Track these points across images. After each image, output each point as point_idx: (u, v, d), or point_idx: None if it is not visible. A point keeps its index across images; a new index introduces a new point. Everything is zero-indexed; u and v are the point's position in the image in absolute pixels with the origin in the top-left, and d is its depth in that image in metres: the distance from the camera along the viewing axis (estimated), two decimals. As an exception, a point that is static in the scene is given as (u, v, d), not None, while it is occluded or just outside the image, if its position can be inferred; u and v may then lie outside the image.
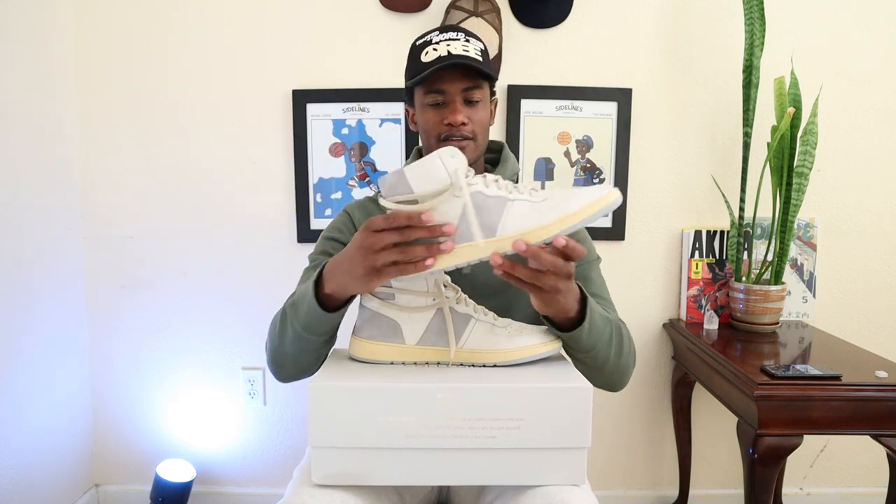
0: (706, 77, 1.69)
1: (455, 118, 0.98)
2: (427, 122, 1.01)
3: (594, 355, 0.90)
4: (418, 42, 1.02)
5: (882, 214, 1.73)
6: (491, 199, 0.75)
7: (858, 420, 1.22)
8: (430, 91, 0.99)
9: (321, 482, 0.78)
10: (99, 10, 1.67)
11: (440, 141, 1.00)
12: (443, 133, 0.99)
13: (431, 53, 0.97)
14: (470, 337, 0.85)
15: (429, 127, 1.01)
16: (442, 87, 0.98)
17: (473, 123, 1.00)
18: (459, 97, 0.99)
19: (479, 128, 1.01)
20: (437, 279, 0.87)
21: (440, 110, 1.00)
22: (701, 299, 1.70)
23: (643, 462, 1.82)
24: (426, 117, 1.01)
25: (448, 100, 0.99)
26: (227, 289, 1.75)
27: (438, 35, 1.00)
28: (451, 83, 0.98)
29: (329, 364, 0.87)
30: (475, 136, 1.01)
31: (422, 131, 1.04)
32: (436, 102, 1.00)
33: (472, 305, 0.89)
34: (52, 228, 1.62)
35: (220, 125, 1.70)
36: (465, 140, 0.99)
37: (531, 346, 0.85)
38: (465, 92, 0.99)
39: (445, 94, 0.99)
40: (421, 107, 1.02)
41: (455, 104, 0.98)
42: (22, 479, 1.52)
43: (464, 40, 0.99)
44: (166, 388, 1.79)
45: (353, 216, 1.11)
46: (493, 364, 0.85)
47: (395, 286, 0.86)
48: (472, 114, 1.00)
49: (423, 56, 0.98)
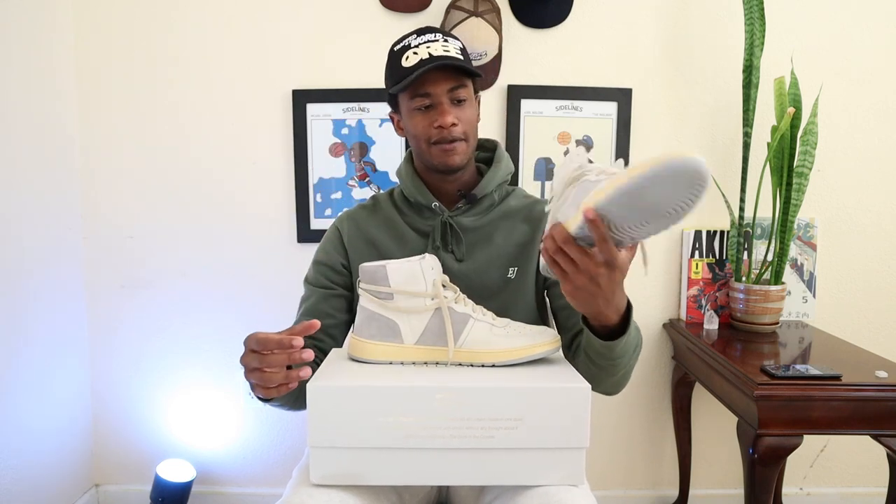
0: (706, 77, 1.69)
1: (445, 120, 0.96)
2: (416, 127, 0.99)
3: (614, 364, 0.89)
4: (396, 47, 1.00)
5: (882, 214, 1.73)
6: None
7: (858, 420, 1.22)
8: (416, 95, 0.97)
9: (320, 482, 0.78)
10: (99, 10, 1.67)
11: (431, 144, 0.99)
12: (433, 136, 0.98)
13: (412, 57, 0.96)
14: (468, 337, 0.85)
15: (418, 132, 0.99)
16: (428, 90, 0.96)
17: (463, 123, 0.98)
18: (446, 98, 0.97)
19: (469, 127, 1.00)
20: (435, 280, 0.87)
21: (428, 114, 0.98)
22: (701, 299, 1.70)
23: (643, 462, 1.82)
24: (414, 122, 0.99)
25: (435, 102, 0.97)
26: (227, 289, 1.75)
27: (416, 38, 0.98)
28: (437, 85, 0.96)
29: (328, 364, 0.87)
30: (466, 137, 0.99)
31: (411, 137, 1.02)
32: (423, 106, 0.98)
33: (471, 305, 0.89)
34: (52, 228, 1.62)
35: (221, 125, 1.70)
36: (456, 141, 0.98)
37: (529, 346, 0.85)
38: (452, 92, 0.97)
39: (432, 97, 0.97)
40: (408, 112, 1.00)
41: (443, 106, 0.97)
42: (22, 479, 1.52)
43: (442, 41, 0.98)
44: (166, 388, 1.79)
45: (342, 231, 1.08)
46: (491, 364, 0.85)
47: (393, 287, 0.86)
48: (460, 114, 0.98)
49: (404, 61, 0.96)
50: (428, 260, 0.88)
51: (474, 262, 1.02)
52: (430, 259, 0.89)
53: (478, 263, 1.02)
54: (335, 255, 1.07)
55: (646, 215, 0.68)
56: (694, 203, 0.66)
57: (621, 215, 0.68)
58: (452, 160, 0.99)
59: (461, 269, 1.02)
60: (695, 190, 0.64)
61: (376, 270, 0.87)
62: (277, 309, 1.74)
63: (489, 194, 1.05)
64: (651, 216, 0.68)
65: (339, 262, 1.07)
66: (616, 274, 0.75)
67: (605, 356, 0.87)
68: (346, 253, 1.07)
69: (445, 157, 0.99)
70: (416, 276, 0.87)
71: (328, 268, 1.07)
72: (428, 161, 1.01)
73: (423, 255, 0.90)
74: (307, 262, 1.11)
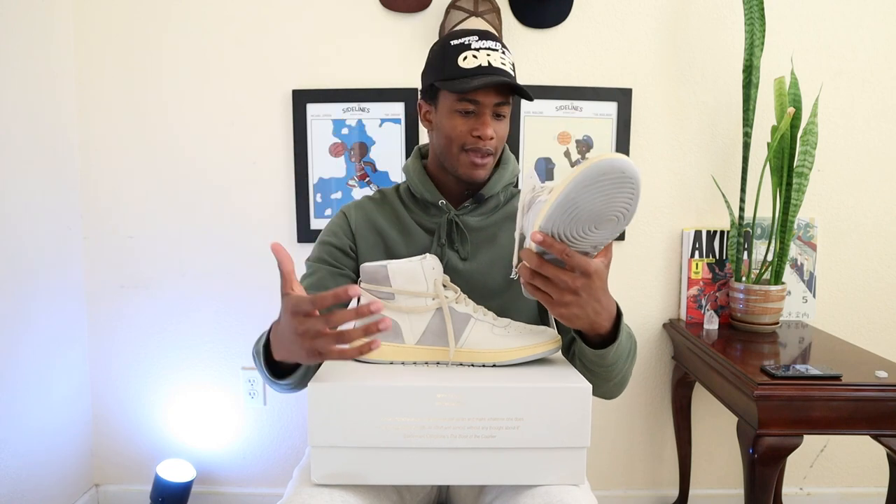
0: (706, 77, 1.69)
1: (486, 131, 0.97)
2: (454, 129, 0.98)
3: (608, 370, 0.89)
4: (454, 42, 0.98)
5: (882, 214, 1.73)
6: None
7: (858, 420, 1.22)
8: (463, 99, 0.97)
9: (321, 482, 0.78)
10: (99, 10, 1.67)
11: (463, 151, 0.99)
12: (468, 144, 0.98)
13: (471, 60, 0.95)
14: (469, 337, 0.86)
15: (455, 134, 0.99)
16: (478, 98, 0.96)
17: (498, 139, 0.99)
18: (490, 111, 0.97)
19: (500, 144, 1.01)
20: (436, 279, 0.88)
21: (469, 120, 0.98)
22: (701, 299, 1.70)
23: (643, 462, 1.82)
24: (453, 123, 0.98)
25: (480, 111, 0.97)
26: (227, 289, 1.75)
27: (477, 41, 0.97)
28: (487, 95, 0.96)
29: (329, 364, 0.87)
30: (496, 152, 1.01)
31: (443, 135, 1.01)
32: (465, 110, 0.97)
33: (472, 305, 0.89)
34: (52, 228, 1.62)
35: (221, 125, 1.70)
36: (487, 156, 0.99)
37: (530, 346, 0.86)
38: (497, 107, 0.98)
39: (478, 105, 0.97)
40: (448, 111, 0.99)
41: (486, 117, 0.97)
42: (22, 480, 1.52)
43: (501, 52, 0.97)
44: (166, 388, 1.79)
45: (349, 217, 1.09)
46: (492, 364, 0.85)
47: (394, 287, 0.87)
48: (498, 128, 0.99)
49: (462, 61, 0.96)
50: (429, 260, 0.89)
51: (478, 262, 1.03)
52: (430, 259, 0.90)
53: (482, 263, 1.03)
54: (344, 238, 1.07)
55: (591, 223, 0.70)
56: (632, 202, 0.68)
57: (568, 228, 0.70)
58: (478, 174, 1.00)
59: (465, 267, 1.02)
60: (626, 190, 0.66)
61: (377, 270, 0.88)
62: (277, 309, 1.74)
63: (495, 195, 1.06)
64: (596, 222, 0.70)
65: (348, 244, 1.07)
66: (594, 281, 0.75)
67: (599, 363, 0.88)
68: (353, 238, 1.07)
69: (473, 170, 0.99)
70: (417, 277, 0.88)
71: (336, 248, 1.06)
72: (453, 165, 1.01)
73: (424, 255, 0.91)
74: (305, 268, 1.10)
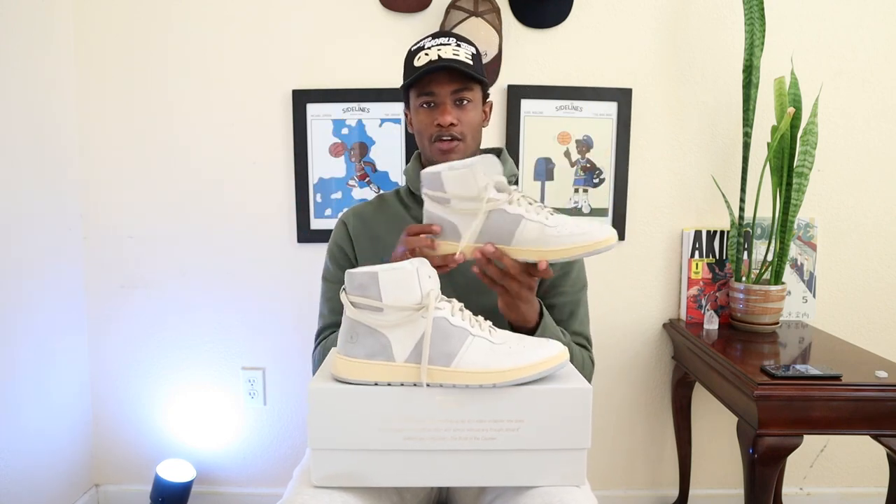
0: (706, 77, 1.69)
1: (444, 119, 1.03)
2: (420, 123, 1.07)
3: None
4: (413, 48, 1.08)
5: (882, 214, 1.73)
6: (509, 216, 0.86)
7: (858, 420, 1.22)
8: (421, 93, 1.05)
9: (321, 483, 0.78)
10: (99, 10, 1.67)
11: (431, 142, 1.06)
12: (433, 134, 1.05)
13: (423, 58, 1.03)
14: (465, 355, 0.76)
15: (421, 128, 1.07)
16: (432, 89, 1.04)
17: (462, 125, 1.05)
18: (449, 99, 1.04)
19: (468, 129, 1.06)
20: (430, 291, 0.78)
21: (432, 111, 1.05)
22: (701, 299, 1.70)
23: (643, 462, 1.82)
24: (419, 118, 1.07)
25: (438, 101, 1.04)
26: (227, 289, 1.75)
27: (431, 41, 1.05)
28: (441, 85, 1.03)
29: (328, 366, 0.87)
30: (464, 137, 1.06)
31: (416, 133, 1.10)
32: (426, 103, 1.05)
33: (469, 317, 0.80)
34: (52, 228, 1.62)
35: (221, 125, 1.70)
36: (454, 141, 1.05)
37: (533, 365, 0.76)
38: (455, 94, 1.04)
39: (436, 96, 1.04)
40: (414, 109, 1.08)
41: (445, 106, 1.04)
42: (22, 480, 1.52)
43: (455, 45, 1.04)
44: (166, 387, 1.79)
45: (348, 225, 1.16)
46: (491, 385, 0.76)
47: (385, 302, 0.77)
48: (461, 115, 1.05)
49: (416, 61, 1.04)
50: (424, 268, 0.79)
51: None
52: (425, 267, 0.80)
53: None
54: (348, 244, 1.16)
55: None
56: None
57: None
58: (448, 158, 1.05)
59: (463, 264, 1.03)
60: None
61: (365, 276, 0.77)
62: (277, 309, 1.75)
63: None
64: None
65: (353, 254, 1.15)
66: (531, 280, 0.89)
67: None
68: (352, 245, 1.15)
69: (441, 157, 1.06)
70: (411, 286, 0.77)
71: (344, 253, 1.15)
72: (428, 157, 1.09)
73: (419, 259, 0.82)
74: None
